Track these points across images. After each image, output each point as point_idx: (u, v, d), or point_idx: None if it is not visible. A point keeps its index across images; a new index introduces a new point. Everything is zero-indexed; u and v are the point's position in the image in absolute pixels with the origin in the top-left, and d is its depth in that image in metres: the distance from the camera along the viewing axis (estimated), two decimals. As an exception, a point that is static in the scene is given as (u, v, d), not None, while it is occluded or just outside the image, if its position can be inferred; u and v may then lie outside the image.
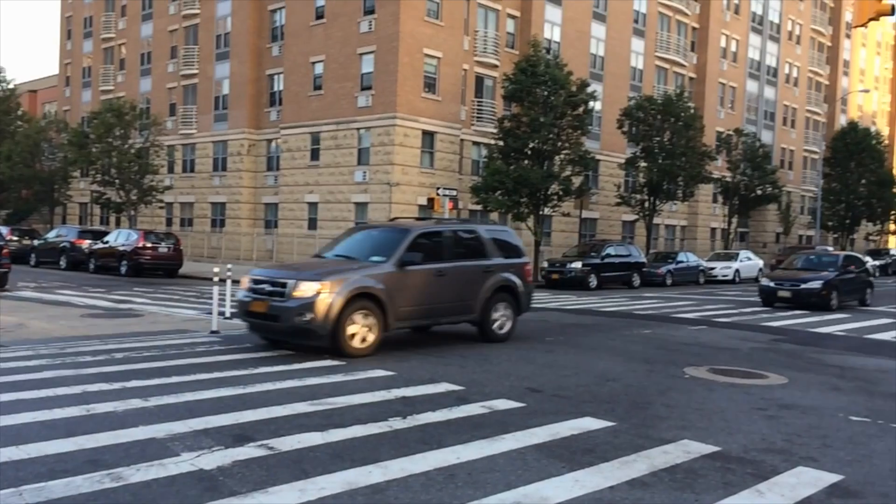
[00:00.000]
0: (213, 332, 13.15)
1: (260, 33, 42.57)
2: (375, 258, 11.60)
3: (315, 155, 38.03)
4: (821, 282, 21.74)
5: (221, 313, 14.67)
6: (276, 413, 7.36)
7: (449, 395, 8.55)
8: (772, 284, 22.78)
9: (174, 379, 8.89)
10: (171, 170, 46.87)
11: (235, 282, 14.78)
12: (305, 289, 10.63)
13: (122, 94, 48.18)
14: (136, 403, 7.60)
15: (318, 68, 37.74)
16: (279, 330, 11.04)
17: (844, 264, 23.33)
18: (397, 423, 7.14)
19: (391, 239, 11.96)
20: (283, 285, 10.87)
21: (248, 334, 13.05)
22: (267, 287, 11.15)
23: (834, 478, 6.00)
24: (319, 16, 37.59)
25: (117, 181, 39.08)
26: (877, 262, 49.64)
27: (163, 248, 29.55)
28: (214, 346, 11.77)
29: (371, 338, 10.94)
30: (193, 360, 10.37)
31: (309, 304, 10.49)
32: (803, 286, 21.77)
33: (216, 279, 14.08)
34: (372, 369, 9.93)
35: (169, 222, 47.00)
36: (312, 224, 38.06)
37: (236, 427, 6.81)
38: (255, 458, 5.94)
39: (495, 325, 12.93)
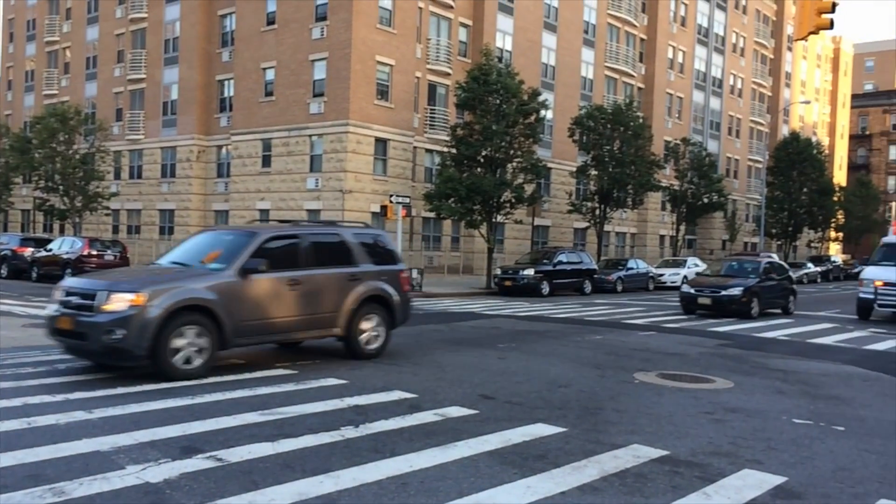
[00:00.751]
0: (160, 341, 12.85)
1: (210, 38, 42.00)
2: (214, 265, 10.18)
3: (267, 161, 37.62)
4: (741, 288, 21.30)
5: (169, 322, 14.35)
6: (225, 424, 7.23)
7: (402, 403, 8.52)
8: (692, 291, 22.25)
9: (119, 390, 8.68)
10: (117, 176, 45.87)
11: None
12: (117, 301, 9.11)
13: (67, 99, 47.03)
14: (79, 416, 7.40)
15: (270, 74, 37.39)
16: (88, 351, 9.52)
17: (766, 271, 22.87)
18: (349, 432, 7.09)
19: (235, 244, 10.50)
20: (93, 297, 9.29)
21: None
22: (75, 300, 9.55)
23: (778, 479, 6.15)
24: (271, 21, 37.27)
25: (61, 187, 38.08)
26: (818, 269, 51.22)
27: (109, 255, 28.89)
28: (162, 355, 11.51)
29: (200, 358, 9.52)
30: (140, 370, 10.13)
31: (121, 320, 8.98)
32: (723, 293, 21.38)
33: (164, 288, 13.77)
34: (324, 378, 9.85)
35: (115, 229, 45.96)
36: (264, 231, 37.58)
37: (184, 438, 6.68)
38: (204, 469, 5.83)
39: (363, 340, 11.59)
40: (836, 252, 74.80)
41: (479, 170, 31.78)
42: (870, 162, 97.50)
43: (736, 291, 21.23)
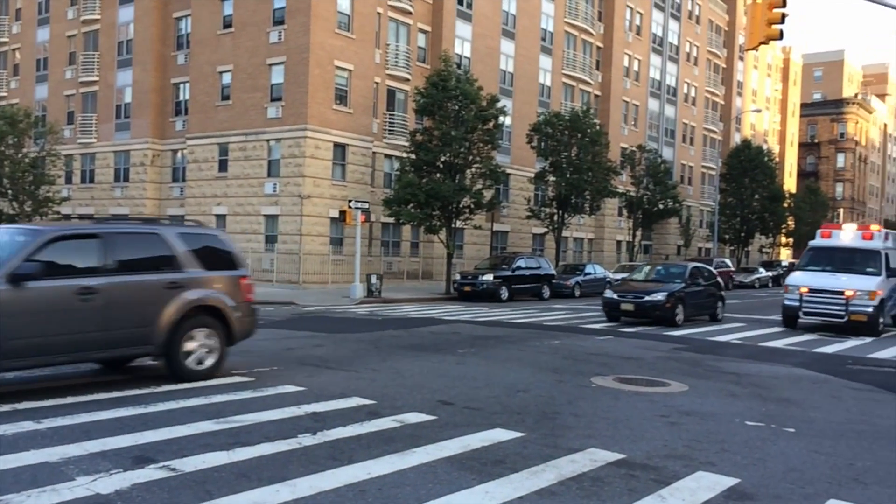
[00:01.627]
0: (112, 349, 12.58)
1: (164, 41, 41.36)
2: None
3: (223, 166, 37.15)
4: (664, 294, 20.25)
5: (122, 330, 14.07)
6: (179, 433, 7.11)
7: (360, 410, 8.48)
8: (615, 297, 21.11)
9: (69, 399, 8.47)
10: (68, 180, 44.85)
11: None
12: None
13: (16, 101, 45.81)
14: (27, 426, 7.20)
15: (226, 78, 36.95)
16: None
17: (692, 276, 21.89)
18: (307, 440, 7.02)
19: (9, 244, 8.75)
20: None
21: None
22: None
23: (731, 481, 6.26)
24: (227, 25, 36.84)
25: (10, 192, 37.04)
26: (770, 273, 52.41)
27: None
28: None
29: None
30: (91, 378, 9.91)
31: None
32: (646, 298, 20.33)
33: (117, 294, 13.49)
34: (281, 385, 9.74)
35: (66, 235, 44.86)
36: (220, 237, 37.08)
37: (136, 448, 6.54)
38: (157, 480, 5.71)
39: (191, 359, 9.86)
40: (786, 257, 76.63)
41: (438, 175, 31.81)
42: (818, 169, 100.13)
43: (660, 297, 20.18)
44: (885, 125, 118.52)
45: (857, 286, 19.11)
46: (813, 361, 14.39)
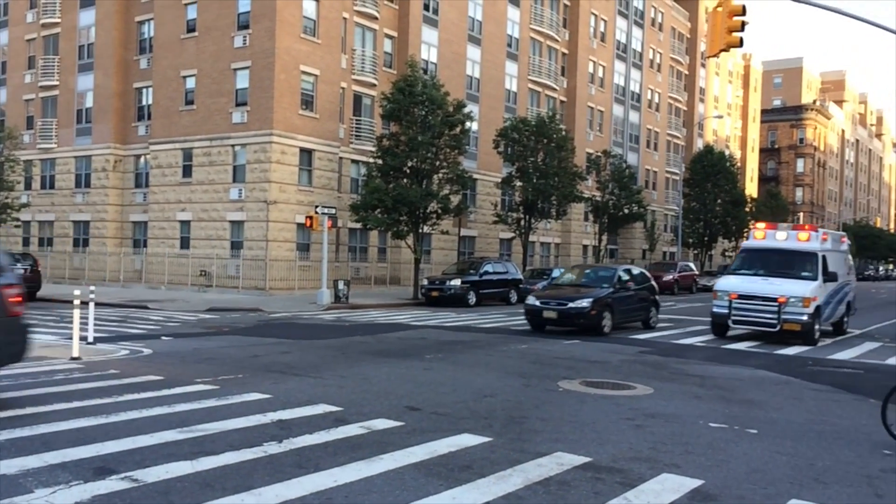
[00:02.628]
0: (73, 358, 12.37)
1: (126, 45, 40.77)
2: None
3: (187, 171, 36.69)
4: (590, 300, 18.65)
5: (83, 338, 13.85)
6: (141, 442, 6.99)
7: (327, 417, 8.42)
8: (537, 303, 19.33)
9: (28, 410, 8.28)
10: (28, 186, 43.93)
11: (99, 304, 14.03)
12: None
13: (-28, 105, 44.83)
14: (-17, 438, 7.03)
15: (190, 82, 36.53)
16: None
17: (622, 281, 20.34)
18: (272, 448, 6.95)
19: None
20: None
21: (113, 360, 12.42)
22: None
23: (695, 483, 6.33)
24: (191, 29, 36.43)
25: (-34, 198, 36.23)
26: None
27: (19, 269, 27.57)
28: (75, 373, 11.07)
29: None
30: (51, 388, 9.71)
31: None
32: (570, 305, 18.70)
33: (77, 302, 13.29)
34: (247, 393, 9.64)
35: (26, 242, 43.98)
36: (185, 243, 36.64)
37: (97, 459, 6.42)
38: (118, 491, 5.61)
39: None
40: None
41: (405, 181, 31.78)
42: (779, 174, 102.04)
43: (584, 303, 18.58)
44: (843, 131, 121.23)
45: (791, 292, 17.44)
46: (775, 363, 14.64)
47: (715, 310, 18.70)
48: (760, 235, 19.72)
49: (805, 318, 17.27)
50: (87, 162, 41.91)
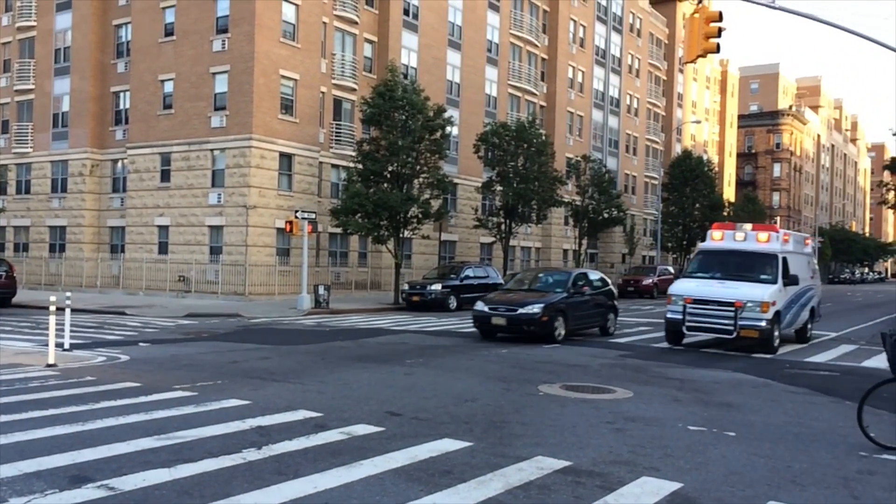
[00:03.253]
0: (49, 365, 12.22)
1: (103, 49, 40.40)
2: None
3: (166, 176, 36.39)
4: (541, 306, 17.55)
5: (59, 345, 13.68)
6: (118, 450, 6.91)
7: (307, 423, 8.38)
8: (486, 309, 18.28)
9: (2, 418, 8.16)
10: (3, 191, 43.38)
11: (75, 310, 13.87)
12: None
13: (-54, 109, 44.19)
14: (-44, 448, 6.91)
15: (168, 87, 36.26)
16: None
17: (576, 285, 19.15)
18: (251, 455, 6.90)
19: None
20: None
21: (90, 367, 12.28)
22: None
23: (674, 486, 6.37)
24: (169, 33, 36.18)
25: (-61, 203, 35.70)
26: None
27: (-8, 275, 27.16)
28: (50, 380, 10.93)
29: None
30: (26, 396, 9.58)
31: None
32: (520, 311, 17.60)
33: (53, 308, 13.13)
34: (225, 399, 9.56)
35: (1, 247, 43.38)
36: (163, 248, 36.33)
37: (73, 467, 6.34)
38: (94, 500, 5.54)
39: None
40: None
41: (385, 185, 31.76)
42: (756, 179, 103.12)
43: (535, 309, 17.46)
44: (819, 136, 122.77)
45: (748, 296, 16.27)
46: (753, 366, 14.77)
47: (669, 315, 17.38)
48: (718, 236, 18.45)
49: (763, 323, 16.07)
50: (64, 167, 41.45)
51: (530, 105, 53.63)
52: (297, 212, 29.16)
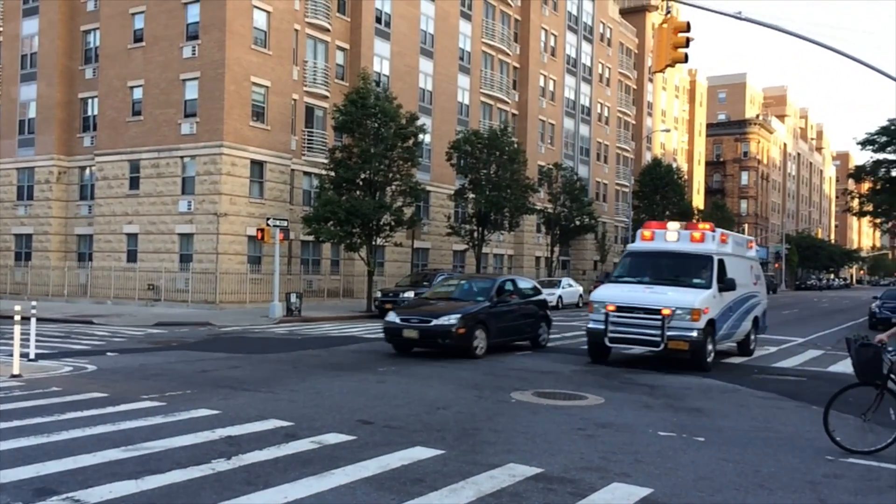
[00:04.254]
0: (14, 375, 11.99)
1: (71, 55, 39.88)
2: None
3: (134, 183, 35.96)
4: (458, 316, 15.68)
5: (24, 355, 13.42)
6: (84, 462, 6.80)
7: (277, 432, 8.31)
8: (397, 321, 16.26)
9: (-35, 431, 7.99)
10: (-34, 198, 42.56)
11: (41, 319, 13.64)
12: None
13: None
14: (-84, 461, 6.75)
15: (138, 93, 35.87)
16: None
17: (502, 293, 17.41)
18: (221, 465, 6.82)
19: None
20: None
21: (56, 377, 12.08)
22: None
23: (645, 491, 6.41)
24: (138, 39, 35.81)
25: None
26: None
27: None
28: (15, 391, 10.73)
29: None
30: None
31: None
32: (434, 322, 15.70)
33: (19, 317, 12.89)
34: (195, 409, 9.45)
35: (-37, 256, 42.56)
36: (132, 256, 35.87)
37: (38, 480, 6.22)
38: (59, 513, 5.44)
39: None
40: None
41: (358, 193, 31.68)
42: (724, 187, 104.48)
43: (451, 320, 15.62)
44: (785, 144, 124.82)
45: (677, 302, 14.44)
46: (721, 371, 14.93)
47: (590, 325, 15.42)
48: (648, 236, 16.60)
49: (694, 334, 14.21)
50: (30, 174, 40.80)
51: (502, 113, 53.89)
52: (268, 219, 28.98)
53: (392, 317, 16.61)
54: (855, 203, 52.28)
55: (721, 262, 15.59)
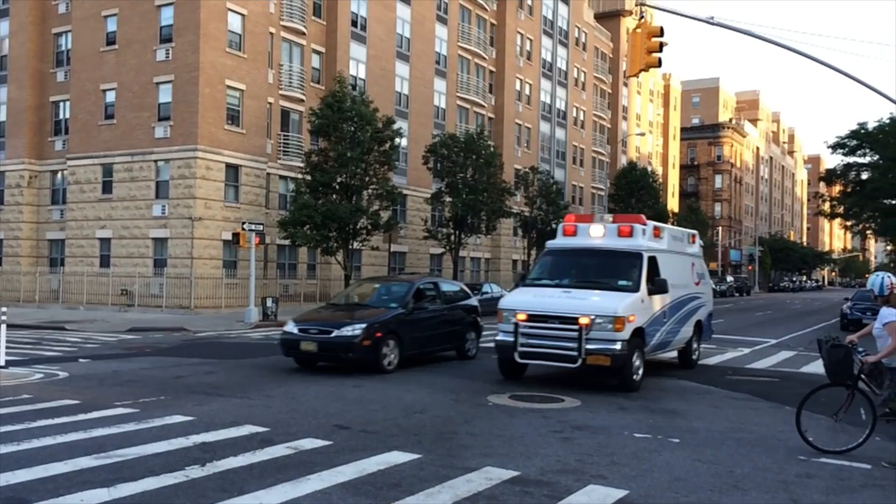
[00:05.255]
0: (-18, 384, 11.78)
1: (42, 57, 39.36)
2: None
3: (107, 187, 35.54)
4: (363, 326, 13.69)
5: (-6, 363, 13.21)
6: (55, 470, 6.70)
7: (252, 438, 8.24)
8: (295, 332, 14.25)
9: (-68, 440, 7.84)
10: (-66, 203, 41.79)
11: (12, 326, 13.41)
12: None
13: None
14: None
15: (110, 96, 35.47)
16: None
17: (420, 297, 15.39)
18: (195, 472, 6.76)
19: None
20: None
21: (26, 384, 11.89)
22: None
23: (620, 493, 6.44)
24: (111, 42, 35.43)
25: None
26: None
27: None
28: (-16, 399, 10.54)
29: None
30: (-43, 417, 9.21)
31: None
32: (336, 333, 13.71)
33: (-13, 325, 12.68)
34: (168, 416, 9.35)
35: (-69, 262, 41.77)
36: (105, 261, 35.43)
37: (7, 489, 6.12)
38: (29, 523, 5.35)
39: None
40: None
41: (334, 196, 31.57)
42: (699, 190, 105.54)
43: (356, 331, 13.63)
44: (758, 148, 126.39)
45: (597, 308, 12.13)
46: (696, 373, 15.06)
47: (499, 337, 13.00)
48: (570, 231, 14.27)
49: (617, 346, 11.89)
50: (1, 178, 40.18)
51: (479, 117, 54.01)
52: (244, 223, 28.76)
53: (290, 326, 14.53)
54: (826, 206, 53.07)
55: (652, 259, 13.40)
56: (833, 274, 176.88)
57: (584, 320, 11.98)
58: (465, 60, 52.96)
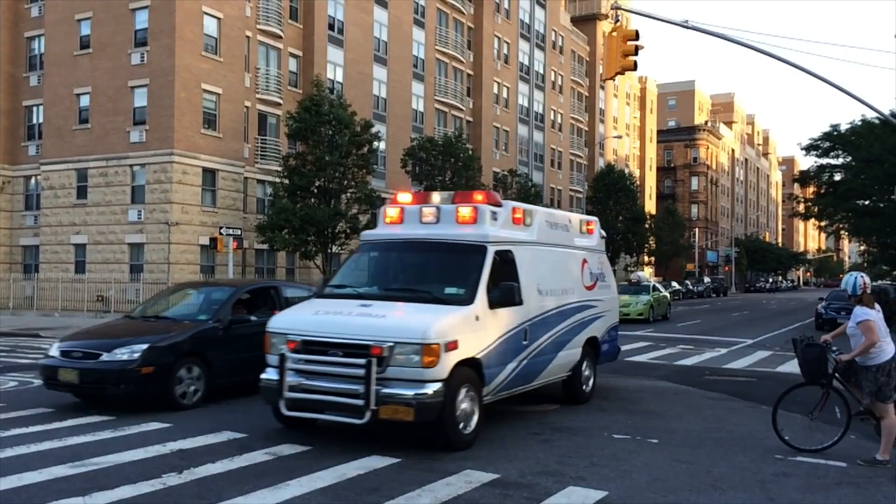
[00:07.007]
0: (-46, 393, 11.58)
1: (14, 61, 38.86)
2: None
3: (82, 193, 35.14)
4: (143, 348, 10.01)
5: (-34, 371, 12.98)
6: (29, 479, 6.61)
7: (231, 444, 8.18)
8: (56, 355, 10.59)
9: None
10: None
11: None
12: None
13: None
14: None
15: (85, 100, 35.09)
16: None
17: (241, 307, 11.74)
18: (172, 480, 6.69)
19: None
20: None
21: (0, 392, 11.70)
22: None
23: (599, 494, 6.47)
24: (85, 45, 35.06)
25: None
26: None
27: None
28: (-44, 409, 10.36)
29: None
30: (-72, 427, 9.04)
31: None
32: (106, 357, 9.98)
33: (-41, 333, 12.46)
34: (146, 423, 9.25)
35: None
36: (80, 267, 35.00)
37: (-20, 500, 6.02)
38: (2, 534, 5.27)
39: None
40: (649, 275, 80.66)
41: (312, 200, 31.46)
42: (675, 192, 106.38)
43: (133, 354, 9.99)
44: (733, 150, 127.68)
45: (396, 331, 7.93)
46: (674, 374, 15.17)
47: (264, 376, 8.57)
48: (395, 217, 10.07)
49: (428, 392, 7.73)
50: (-28, 183, 39.55)
51: (457, 120, 54.08)
52: (221, 228, 28.60)
53: (54, 349, 10.78)
54: (801, 207, 53.65)
55: (504, 256, 9.30)
56: (808, 274, 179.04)
57: (376, 350, 7.78)
58: (443, 64, 53.02)
